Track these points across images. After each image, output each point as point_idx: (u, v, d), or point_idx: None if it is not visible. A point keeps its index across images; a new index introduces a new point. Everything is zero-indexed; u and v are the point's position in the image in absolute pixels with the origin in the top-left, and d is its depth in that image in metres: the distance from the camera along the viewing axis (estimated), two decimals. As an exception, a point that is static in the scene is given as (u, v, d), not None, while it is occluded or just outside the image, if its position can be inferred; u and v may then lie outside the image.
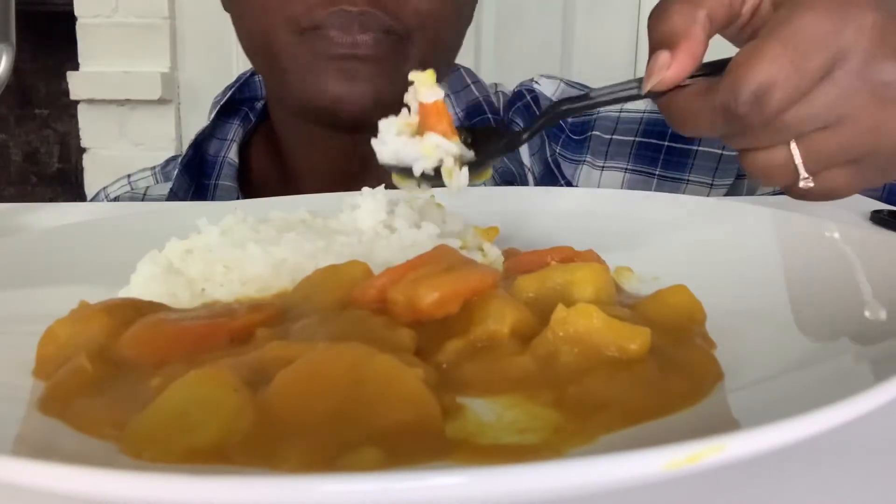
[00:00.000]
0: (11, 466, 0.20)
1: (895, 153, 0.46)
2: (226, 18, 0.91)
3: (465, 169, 0.44)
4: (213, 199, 0.86)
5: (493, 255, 0.44)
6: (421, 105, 0.46)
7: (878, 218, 0.59)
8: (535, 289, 0.37)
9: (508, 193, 0.66)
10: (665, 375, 0.30)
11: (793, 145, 0.46)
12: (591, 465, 0.19)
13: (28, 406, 0.30)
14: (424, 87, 0.45)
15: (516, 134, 0.51)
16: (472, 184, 0.47)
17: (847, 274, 0.38)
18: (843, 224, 0.43)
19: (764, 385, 0.30)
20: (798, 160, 0.46)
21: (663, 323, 0.35)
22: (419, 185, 0.46)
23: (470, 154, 0.46)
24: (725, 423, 0.28)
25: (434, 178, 0.45)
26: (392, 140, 0.46)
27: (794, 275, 0.40)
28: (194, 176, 0.88)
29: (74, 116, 2.08)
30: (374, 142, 0.47)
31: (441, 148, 0.44)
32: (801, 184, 0.47)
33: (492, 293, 0.33)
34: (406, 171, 0.46)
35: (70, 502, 0.22)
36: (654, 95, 0.47)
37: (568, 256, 0.42)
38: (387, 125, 0.46)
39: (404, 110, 0.46)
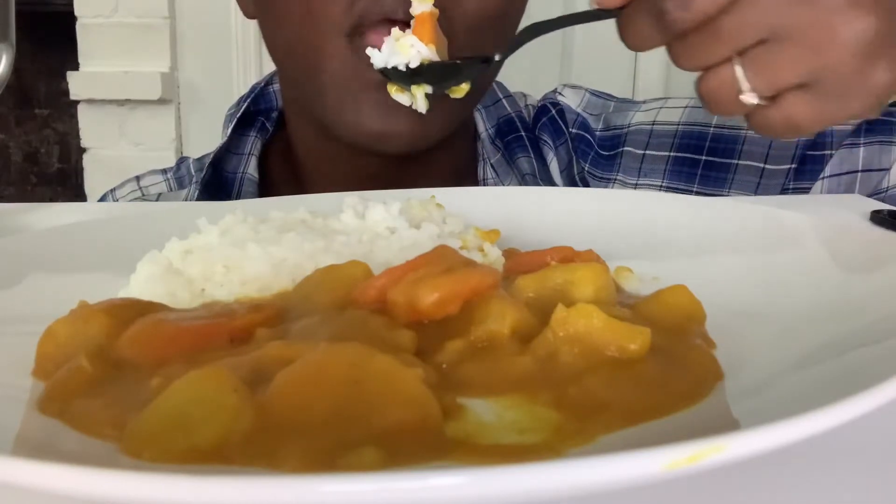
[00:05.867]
0: (11, 466, 0.20)
1: (849, 75, 0.46)
2: (226, 18, 0.90)
3: (423, 97, 0.56)
4: None
5: (493, 255, 0.44)
6: (415, 17, 0.55)
7: (878, 218, 0.59)
8: (535, 289, 0.37)
9: (508, 193, 0.66)
10: (665, 375, 0.30)
11: (736, 60, 0.47)
12: (591, 465, 0.19)
13: (28, 406, 0.30)
14: (417, 1, 0.55)
15: (490, 57, 0.56)
16: (451, 93, 0.58)
17: (847, 274, 0.38)
18: (843, 224, 0.43)
19: (764, 385, 0.30)
20: (739, 73, 0.46)
21: (663, 323, 0.35)
22: (411, 98, 0.56)
23: (436, 58, 0.55)
24: (725, 423, 0.28)
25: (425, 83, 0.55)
26: (387, 47, 0.55)
27: (794, 275, 0.40)
28: (214, 195, 0.84)
29: (74, 116, 2.08)
30: (368, 49, 0.56)
31: (415, 48, 0.54)
32: (744, 98, 0.47)
33: (492, 293, 0.33)
34: (398, 79, 0.55)
35: (70, 502, 0.22)
36: (609, 14, 0.51)
37: (568, 256, 0.42)
38: (387, 38, 0.55)
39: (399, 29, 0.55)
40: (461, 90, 0.57)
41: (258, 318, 0.34)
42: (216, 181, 0.85)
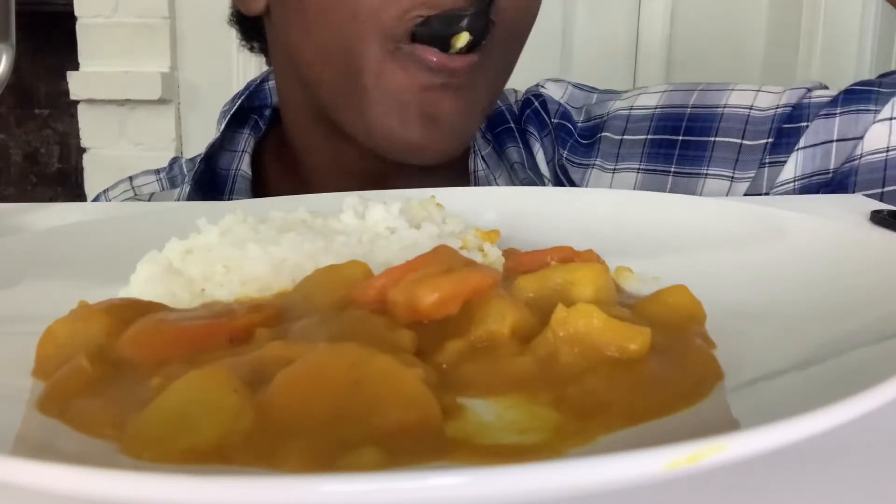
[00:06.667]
0: (11, 466, 0.20)
1: None
2: (226, 18, 0.89)
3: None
4: None
5: (493, 255, 0.44)
6: None
7: (878, 218, 0.58)
8: (535, 289, 0.37)
9: (508, 193, 0.66)
10: (665, 375, 0.30)
11: None
12: (591, 465, 0.19)
13: (28, 406, 0.30)
14: None
15: None
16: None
17: (847, 274, 0.38)
18: (843, 224, 0.43)
19: (764, 385, 0.30)
20: None
21: (663, 323, 0.34)
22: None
23: None
24: (725, 423, 0.28)
25: None
26: None
27: (793, 275, 0.40)
28: (207, 191, 0.84)
29: (74, 116, 2.08)
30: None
31: None
32: None
33: (492, 293, 0.33)
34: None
35: (70, 502, 0.22)
36: None
37: (568, 256, 0.42)
38: None
39: None
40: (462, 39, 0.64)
41: (258, 318, 0.34)
42: (210, 177, 0.85)
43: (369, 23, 0.66)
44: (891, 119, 0.70)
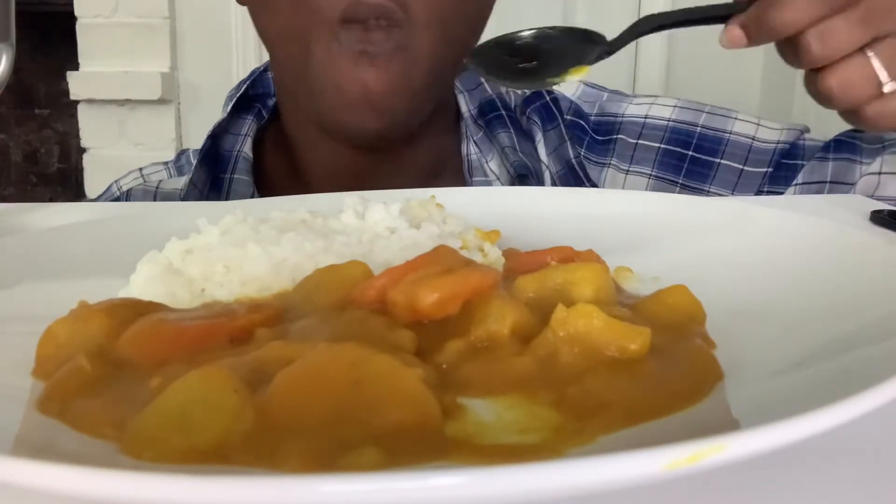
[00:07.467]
0: (11, 466, 0.20)
1: None
2: (226, 18, 0.90)
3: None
4: (229, 193, 0.86)
5: (493, 255, 0.44)
6: None
7: (878, 218, 0.58)
8: (535, 289, 0.37)
9: (508, 193, 0.66)
10: (665, 375, 0.30)
11: (870, 53, 0.51)
12: (591, 465, 0.19)
13: (28, 406, 0.30)
14: None
15: (615, 39, 0.63)
16: (569, 79, 0.64)
17: (847, 274, 0.38)
18: (843, 224, 0.43)
19: (764, 385, 0.30)
20: (877, 63, 0.51)
21: (663, 323, 0.34)
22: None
23: None
24: (725, 423, 0.28)
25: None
26: None
27: (794, 275, 0.40)
28: (211, 168, 0.88)
29: (74, 116, 2.08)
30: None
31: None
32: (887, 88, 0.51)
33: (492, 293, 0.33)
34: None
35: (70, 502, 0.22)
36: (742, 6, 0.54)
37: (568, 256, 0.42)
38: None
39: None
40: (583, 70, 0.63)
41: (258, 318, 0.34)
42: (214, 156, 0.89)
43: (313, 10, 0.71)
44: (879, 174, 0.79)
